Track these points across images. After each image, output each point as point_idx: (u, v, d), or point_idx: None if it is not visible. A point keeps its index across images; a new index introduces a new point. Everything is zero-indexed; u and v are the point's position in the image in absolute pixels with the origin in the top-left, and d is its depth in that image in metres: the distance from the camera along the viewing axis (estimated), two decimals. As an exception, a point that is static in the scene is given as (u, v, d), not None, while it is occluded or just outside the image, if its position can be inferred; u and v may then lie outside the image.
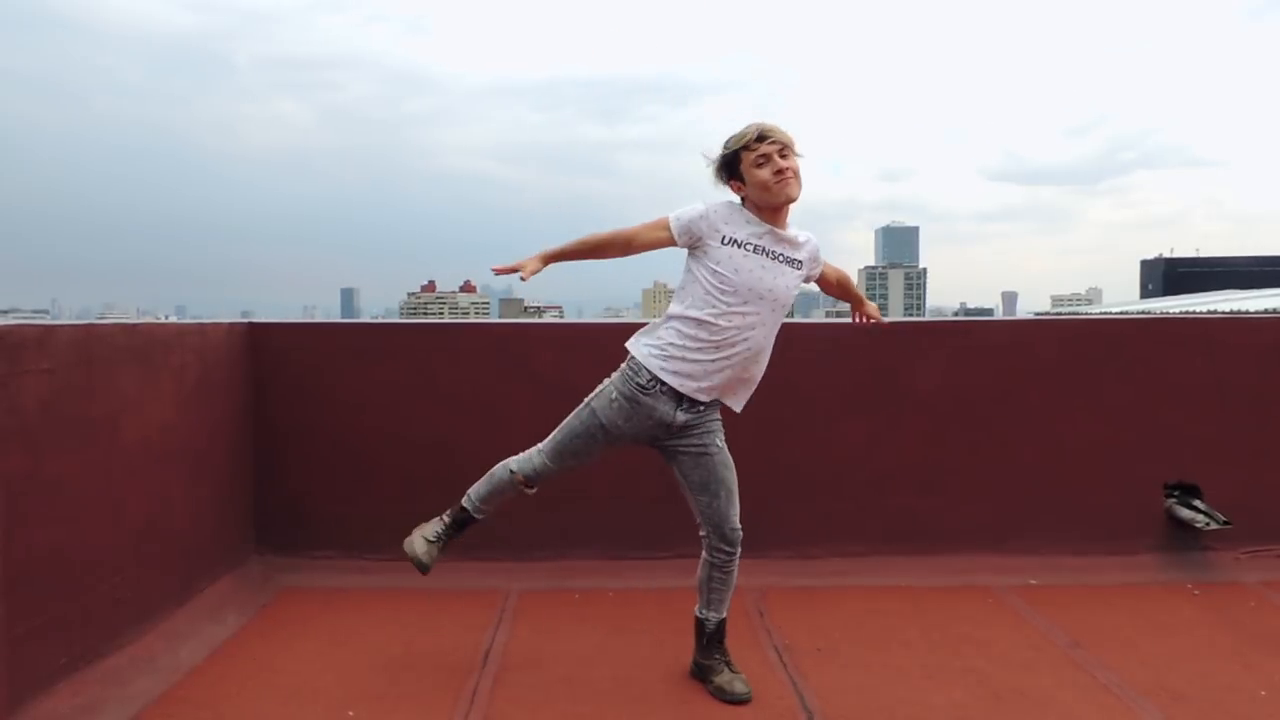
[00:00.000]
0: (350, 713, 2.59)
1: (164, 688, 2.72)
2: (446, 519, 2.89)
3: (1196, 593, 3.62)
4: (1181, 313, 8.23)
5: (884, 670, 2.89)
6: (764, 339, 2.63)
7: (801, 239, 2.68)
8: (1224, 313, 5.73)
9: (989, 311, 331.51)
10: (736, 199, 2.66)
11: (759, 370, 2.71)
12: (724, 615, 2.79)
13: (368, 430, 3.78)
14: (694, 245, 2.61)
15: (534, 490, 2.79)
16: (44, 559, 2.45)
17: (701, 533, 2.72)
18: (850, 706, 2.64)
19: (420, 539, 2.87)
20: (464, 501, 2.87)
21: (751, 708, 2.64)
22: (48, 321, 2.74)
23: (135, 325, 2.99)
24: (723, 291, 2.55)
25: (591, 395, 2.69)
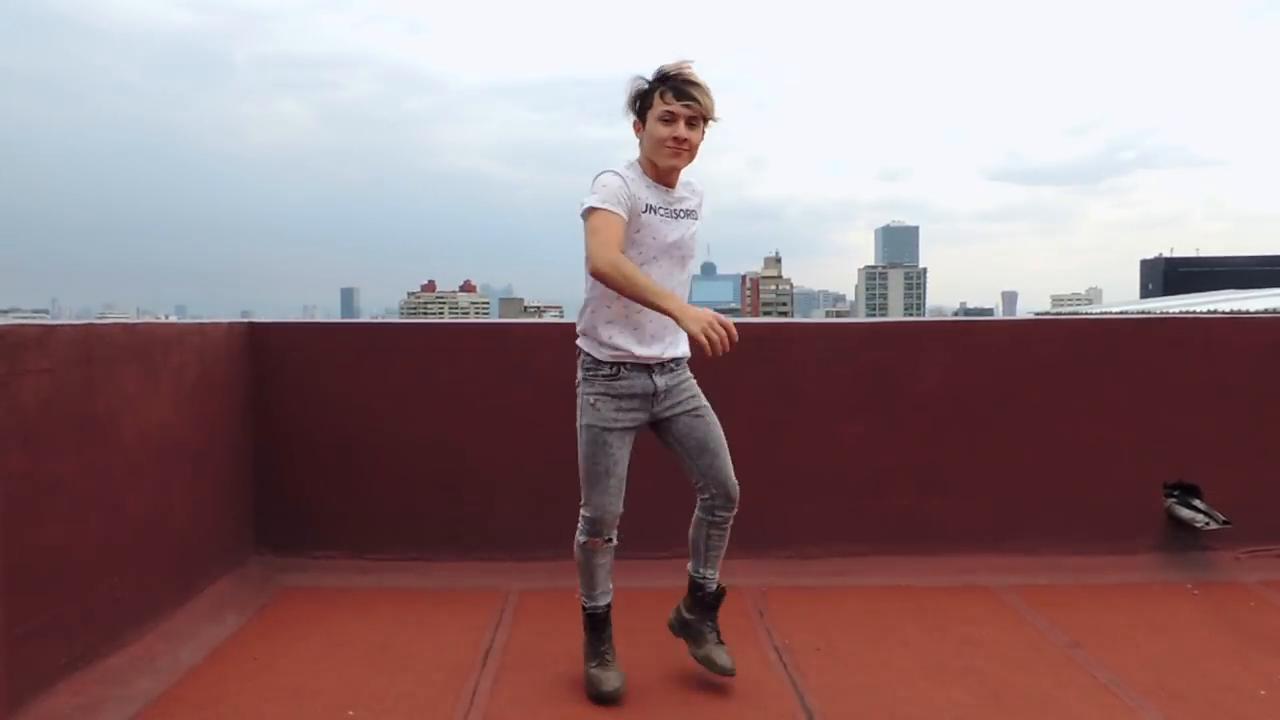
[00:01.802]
0: (350, 713, 2.60)
1: (164, 688, 2.72)
2: (586, 636, 2.78)
3: (1196, 593, 3.62)
4: (1181, 313, 8.23)
5: (884, 670, 2.89)
6: (675, 287, 2.57)
7: (691, 186, 2.64)
8: (1224, 313, 5.73)
9: (989, 311, 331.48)
10: (632, 156, 2.58)
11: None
12: (721, 585, 2.79)
13: (368, 430, 3.78)
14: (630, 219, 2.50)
15: (611, 541, 2.69)
16: (44, 559, 2.46)
17: (704, 495, 2.69)
18: (850, 706, 2.64)
19: (589, 674, 2.72)
20: (584, 608, 2.78)
21: (751, 707, 2.64)
22: (48, 321, 2.74)
23: (135, 325, 2.99)
24: (638, 256, 2.51)
25: (578, 417, 2.65)
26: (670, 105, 2.43)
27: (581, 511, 2.66)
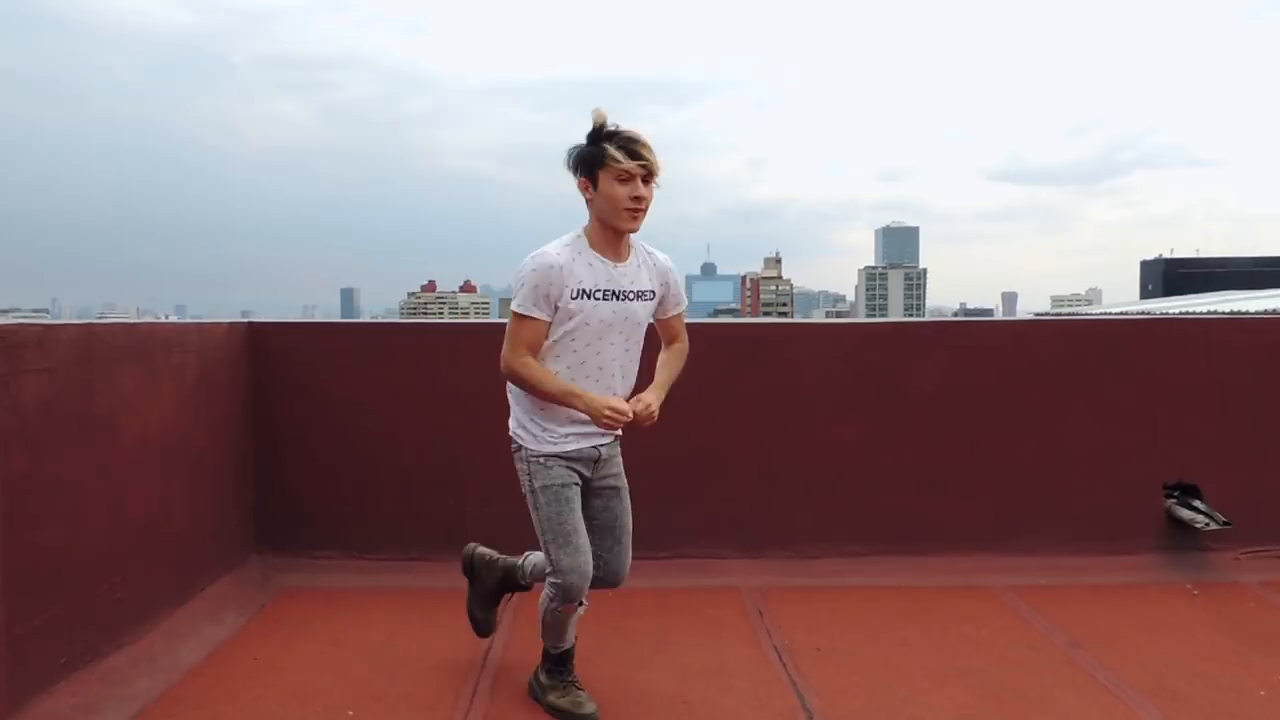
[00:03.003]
0: (350, 713, 2.60)
1: (164, 688, 2.72)
2: (549, 671, 2.68)
3: (1196, 593, 3.62)
4: (1181, 313, 8.23)
5: (884, 670, 2.89)
6: (623, 354, 2.51)
7: (646, 261, 2.53)
8: (1224, 313, 5.73)
9: (989, 311, 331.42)
10: (576, 231, 2.47)
11: (629, 375, 2.57)
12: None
13: (368, 430, 3.78)
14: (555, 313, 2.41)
15: (584, 607, 2.59)
16: (44, 559, 2.46)
17: (593, 574, 2.50)
18: (850, 706, 2.64)
19: (557, 706, 2.61)
20: (545, 649, 2.68)
21: (751, 708, 2.64)
22: (48, 321, 2.75)
23: (135, 325, 3.00)
24: (572, 342, 2.43)
25: (525, 484, 2.53)
26: (625, 164, 2.32)
27: (549, 579, 2.48)
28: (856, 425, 3.86)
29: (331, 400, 3.79)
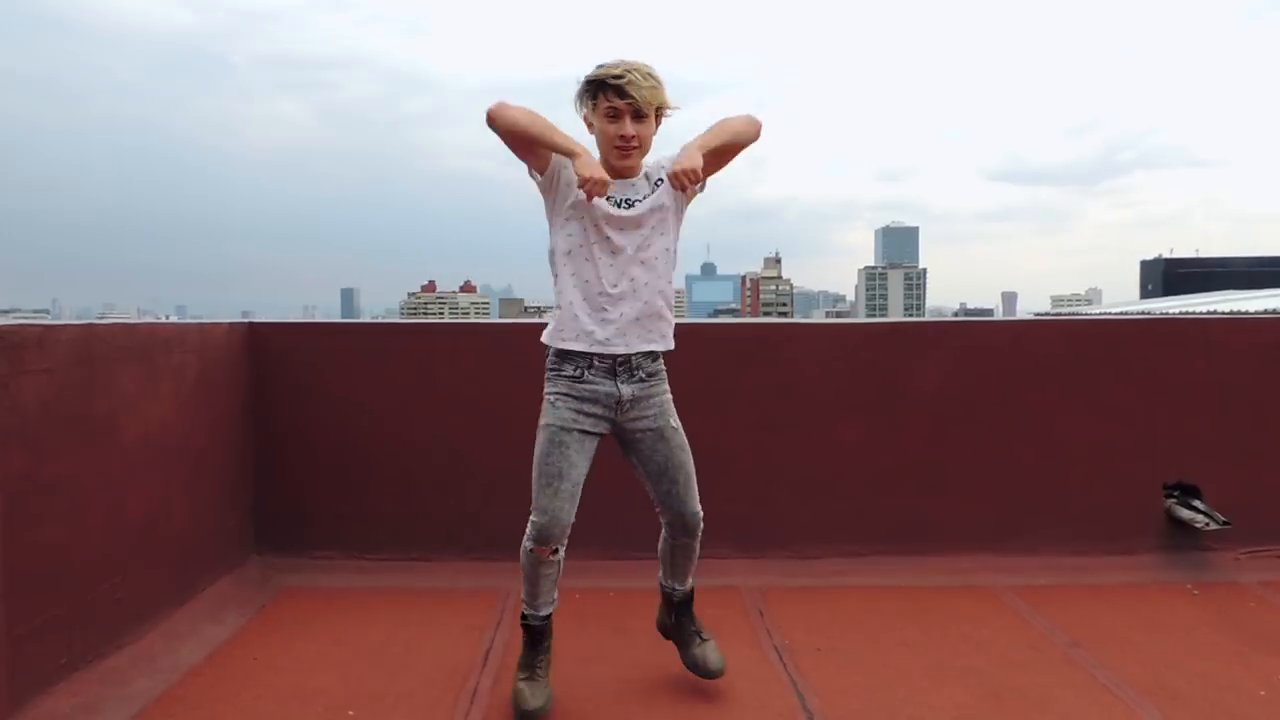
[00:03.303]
0: (350, 713, 2.60)
1: (164, 688, 2.72)
2: (523, 647, 2.67)
3: (1196, 593, 3.62)
4: (1181, 313, 8.23)
5: (884, 670, 2.89)
6: (649, 276, 2.49)
7: (645, 176, 2.51)
8: (1223, 313, 5.73)
9: (989, 311, 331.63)
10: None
11: (657, 300, 2.52)
12: (690, 586, 2.76)
13: (368, 430, 3.79)
14: (550, 184, 2.46)
15: (558, 552, 2.55)
16: (44, 559, 2.46)
17: (663, 520, 2.65)
18: (850, 706, 2.64)
19: (515, 688, 2.60)
20: (523, 616, 2.67)
21: (751, 708, 2.64)
22: (48, 321, 2.75)
23: (135, 325, 3.00)
24: (581, 242, 2.45)
25: (540, 420, 2.55)
26: (611, 102, 2.38)
27: (530, 517, 2.53)
28: (856, 425, 3.87)
29: (331, 400, 3.79)
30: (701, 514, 2.64)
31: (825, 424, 3.86)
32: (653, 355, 2.56)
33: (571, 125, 2.52)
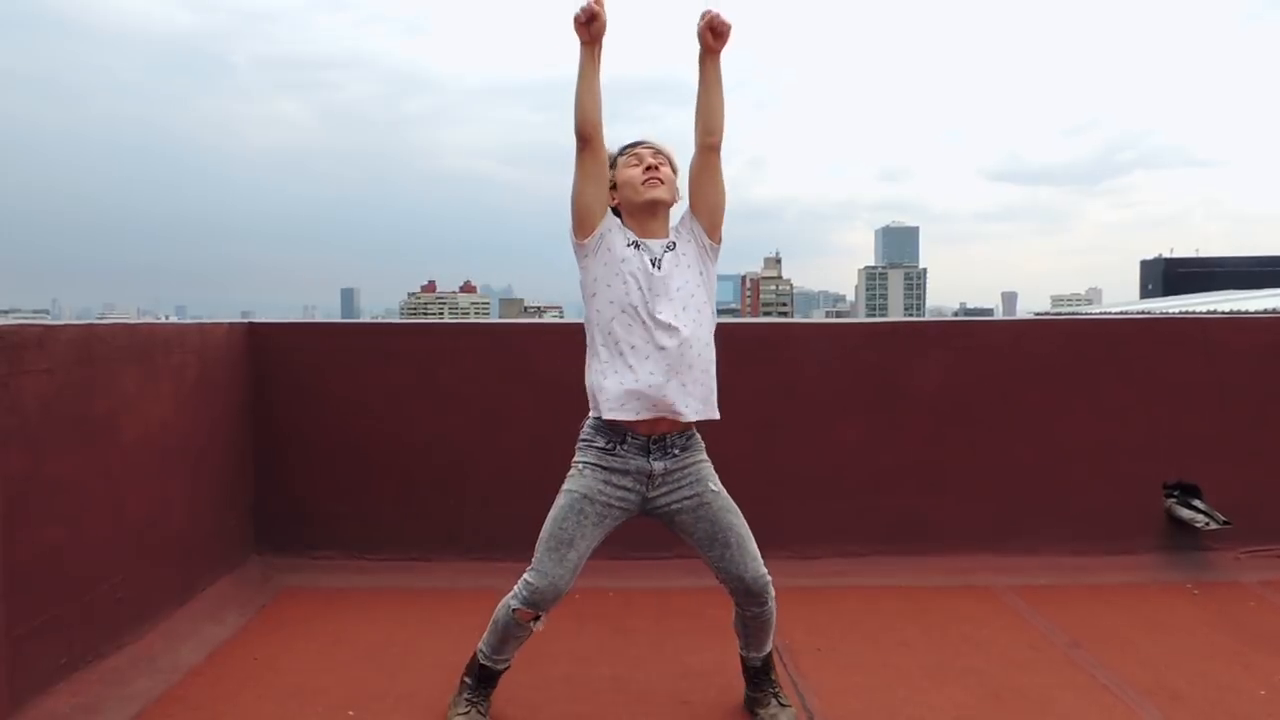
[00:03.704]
0: (350, 713, 2.60)
1: (164, 688, 2.72)
2: (469, 681, 2.55)
3: (1196, 592, 3.62)
4: (1181, 313, 8.24)
5: (884, 670, 2.89)
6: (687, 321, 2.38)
7: (671, 230, 2.48)
8: (1223, 313, 5.74)
9: (989, 311, 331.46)
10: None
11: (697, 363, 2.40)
12: (767, 651, 2.57)
13: (368, 430, 3.78)
14: (590, 236, 2.39)
15: (539, 620, 2.43)
16: (44, 559, 2.46)
17: (726, 588, 2.46)
18: (850, 706, 2.64)
19: (453, 714, 2.52)
20: (479, 657, 2.55)
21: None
22: (48, 321, 2.75)
23: (135, 325, 3.00)
24: (609, 292, 2.38)
25: (564, 484, 2.45)
26: (633, 150, 2.48)
27: (525, 575, 2.41)
28: (856, 425, 3.86)
29: (331, 400, 3.79)
30: (768, 578, 2.43)
31: (825, 424, 3.86)
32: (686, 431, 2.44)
33: (566, 137, 2.51)
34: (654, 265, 2.38)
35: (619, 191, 2.45)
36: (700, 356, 2.39)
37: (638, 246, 2.40)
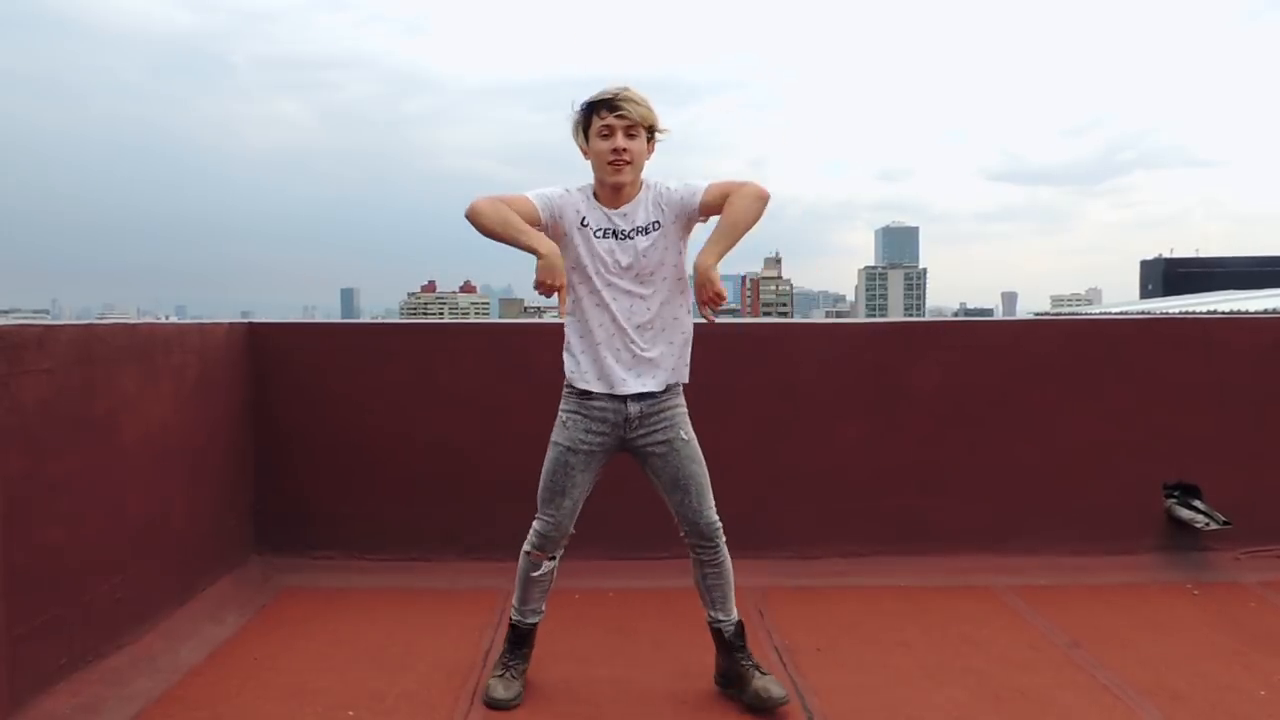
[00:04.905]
0: (350, 713, 2.60)
1: (164, 688, 2.72)
2: (505, 645, 2.77)
3: (1196, 593, 3.62)
4: (1181, 313, 8.24)
5: (884, 670, 2.89)
6: (642, 306, 2.55)
7: (646, 198, 2.55)
8: (1224, 313, 5.74)
9: (989, 311, 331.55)
10: (583, 184, 2.60)
11: (663, 344, 2.60)
12: (735, 615, 2.69)
13: (368, 430, 3.78)
14: (555, 225, 2.53)
15: (555, 560, 2.70)
16: (44, 559, 2.46)
17: (681, 533, 2.65)
18: (850, 706, 2.64)
19: (489, 680, 2.70)
20: (511, 616, 2.78)
21: (751, 708, 2.64)
22: (48, 321, 2.75)
23: (135, 325, 3.00)
24: (581, 278, 2.55)
25: (552, 435, 2.66)
26: (605, 119, 2.47)
27: (534, 523, 2.66)
28: (856, 425, 3.86)
29: (332, 400, 3.79)
30: (719, 524, 2.63)
31: (825, 424, 3.86)
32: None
33: (566, 137, 2.58)
34: (610, 238, 2.55)
35: (589, 154, 2.54)
36: (660, 337, 2.59)
37: (589, 228, 2.54)
